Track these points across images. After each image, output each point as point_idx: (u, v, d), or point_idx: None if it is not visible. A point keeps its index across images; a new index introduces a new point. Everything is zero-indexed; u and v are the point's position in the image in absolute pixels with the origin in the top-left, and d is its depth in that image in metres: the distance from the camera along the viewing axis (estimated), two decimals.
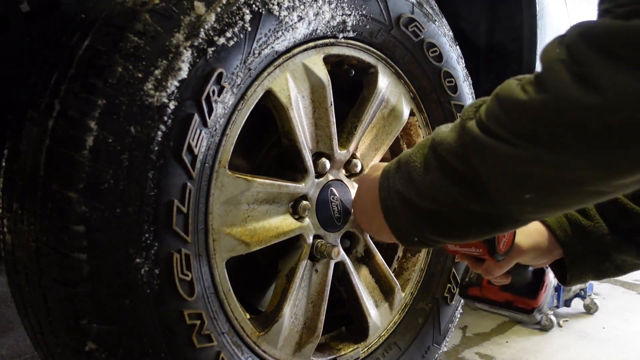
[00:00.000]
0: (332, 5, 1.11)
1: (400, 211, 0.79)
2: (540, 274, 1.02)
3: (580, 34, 0.58)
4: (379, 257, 1.36)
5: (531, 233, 0.97)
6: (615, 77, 0.54)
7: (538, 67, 0.62)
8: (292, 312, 1.16)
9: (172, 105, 0.88)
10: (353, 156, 1.29)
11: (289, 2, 1.02)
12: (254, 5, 0.96)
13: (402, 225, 0.80)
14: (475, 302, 1.08)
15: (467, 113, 0.70)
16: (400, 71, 1.32)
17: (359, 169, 1.29)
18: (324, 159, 1.19)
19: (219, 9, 0.92)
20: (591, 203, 0.80)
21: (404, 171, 0.78)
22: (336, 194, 1.23)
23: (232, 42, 0.94)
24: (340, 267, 1.29)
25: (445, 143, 0.71)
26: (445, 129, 0.74)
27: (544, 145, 0.60)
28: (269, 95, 1.07)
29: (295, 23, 1.04)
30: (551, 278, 1.04)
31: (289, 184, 1.14)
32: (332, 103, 1.18)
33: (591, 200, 0.68)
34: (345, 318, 1.39)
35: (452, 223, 0.74)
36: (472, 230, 0.74)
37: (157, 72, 0.86)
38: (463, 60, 1.45)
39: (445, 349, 1.55)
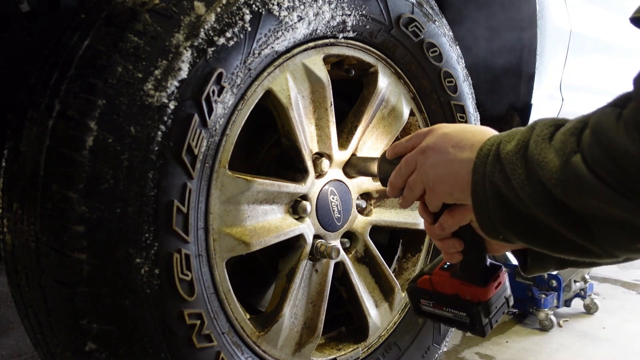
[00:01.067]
0: (332, 6, 1.11)
1: (492, 204, 0.73)
2: (495, 268, 0.94)
3: None
4: (379, 257, 1.36)
5: None
6: None
7: None
8: (292, 312, 1.16)
9: (172, 105, 0.88)
10: (353, 156, 1.29)
11: (289, 2, 1.02)
12: (254, 6, 0.96)
13: (490, 219, 0.74)
14: (421, 297, 0.98)
15: (570, 142, 0.62)
16: (400, 71, 1.32)
17: None
18: (323, 159, 1.19)
19: (219, 9, 0.92)
20: None
21: (504, 169, 0.71)
22: (336, 193, 1.23)
23: (232, 42, 0.94)
24: (340, 267, 1.29)
25: (547, 170, 0.64)
26: (547, 145, 0.65)
27: None
28: (269, 95, 1.07)
29: (295, 23, 1.04)
30: (506, 283, 0.95)
31: (289, 184, 1.14)
32: (332, 103, 1.18)
33: None
34: (345, 318, 1.39)
35: (546, 238, 0.68)
36: (564, 252, 0.69)
37: (157, 72, 0.86)
38: (463, 60, 1.45)
39: (445, 349, 1.55)
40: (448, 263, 0.96)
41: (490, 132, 0.81)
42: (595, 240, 0.62)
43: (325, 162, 1.20)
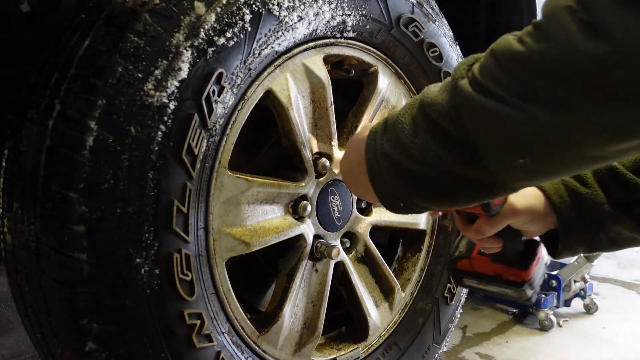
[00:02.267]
0: (332, 6, 1.11)
1: (387, 174, 0.74)
2: (533, 245, 0.98)
3: None
4: (379, 257, 1.36)
5: (526, 194, 0.93)
6: (628, 25, 0.48)
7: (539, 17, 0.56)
8: (292, 312, 1.16)
9: (172, 105, 0.88)
10: None
11: (289, 2, 1.02)
12: (254, 6, 0.96)
13: (388, 189, 0.76)
14: (464, 277, 1.01)
15: (459, 71, 0.65)
16: (400, 71, 1.32)
17: None
18: (324, 159, 1.19)
19: (219, 9, 0.92)
20: (586, 170, 0.74)
21: (392, 132, 0.73)
22: (336, 194, 1.23)
23: (232, 42, 0.94)
24: (340, 267, 1.29)
25: (436, 104, 0.66)
26: (435, 89, 0.69)
27: (543, 104, 0.55)
28: (269, 95, 1.07)
29: (295, 23, 1.04)
30: (544, 254, 0.99)
31: (289, 184, 1.14)
32: (332, 103, 1.18)
33: (587, 166, 0.63)
34: (345, 318, 1.39)
35: (441, 188, 0.70)
36: (461, 196, 0.70)
37: (157, 72, 0.86)
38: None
39: (445, 349, 1.55)
40: None
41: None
42: (483, 165, 0.64)
43: (325, 162, 1.19)
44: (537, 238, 0.99)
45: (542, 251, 0.98)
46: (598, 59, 0.50)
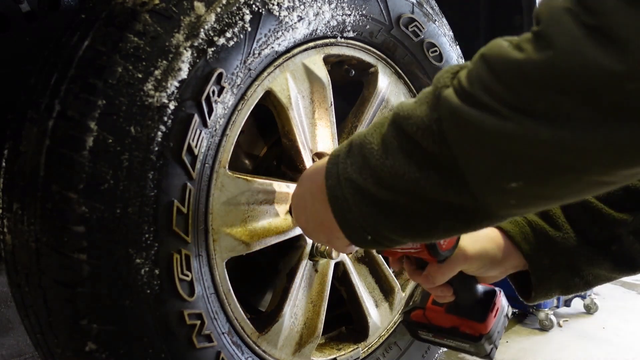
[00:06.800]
0: (332, 6, 1.11)
1: (352, 202, 0.64)
2: (491, 294, 0.89)
3: None
4: (379, 257, 1.36)
5: (479, 238, 0.84)
6: None
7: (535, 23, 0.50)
8: (292, 312, 1.16)
9: (172, 105, 0.88)
10: None
11: (289, 2, 1.02)
12: (254, 6, 0.96)
13: (353, 220, 0.65)
14: (419, 329, 0.93)
15: (442, 80, 0.56)
16: (400, 71, 1.32)
17: None
18: None
19: (219, 9, 0.92)
20: (588, 196, 0.64)
21: (358, 154, 0.64)
22: None
23: (232, 43, 0.94)
24: (340, 267, 1.29)
25: (414, 117, 0.57)
26: (411, 102, 0.60)
27: (543, 119, 0.48)
28: (269, 95, 1.07)
29: (295, 23, 1.04)
30: (504, 304, 0.90)
31: (289, 184, 1.14)
32: (332, 103, 1.18)
33: (589, 192, 0.55)
34: (345, 318, 1.39)
35: (416, 217, 0.61)
36: (439, 227, 0.61)
37: (157, 72, 0.86)
38: (463, 60, 1.45)
39: (446, 349, 1.55)
40: None
41: None
42: (468, 189, 0.55)
43: None
44: (496, 286, 0.91)
45: (502, 300, 0.90)
46: (610, 70, 0.43)
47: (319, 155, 1.20)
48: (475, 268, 0.84)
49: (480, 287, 0.89)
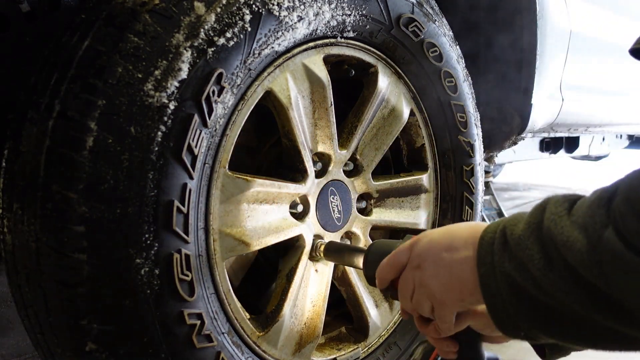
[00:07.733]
0: (332, 6, 1.11)
1: (507, 298, 0.64)
2: None
3: None
4: None
5: None
6: None
7: None
8: (292, 312, 1.16)
9: (172, 105, 0.88)
10: (353, 156, 1.29)
11: (289, 2, 1.02)
12: (254, 6, 0.96)
13: (508, 315, 0.65)
14: None
15: (598, 215, 0.55)
16: (400, 71, 1.32)
17: (359, 169, 1.29)
18: (324, 159, 1.19)
19: (219, 9, 0.92)
20: None
21: (515, 254, 0.63)
22: (336, 194, 1.23)
23: (232, 43, 0.94)
24: (340, 267, 1.29)
25: (573, 249, 0.56)
26: (565, 218, 0.58)
27: None
28: (269, 95, 1.07)
29: (295, 23, 1.04)
30: None
31: (289, 184, 1.14)
32: (332, 103, 1.18)
33: None
34: (345, 318, 1.39)
35: (580, 330, 0.60)
36: (599, 343, 0.61)
37: (157, 72, 0.86)
38: (463, 60, 1.45)
39: None
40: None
41: (479, 225, 0.74)
42: (635, 323, 0.55)
43: (325, 162, 1.19)
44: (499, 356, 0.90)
45: None
46: None
47: (319, 155, 1.20)
48: (483, 324, 0.85)
49: (485, 353, 0.89)
